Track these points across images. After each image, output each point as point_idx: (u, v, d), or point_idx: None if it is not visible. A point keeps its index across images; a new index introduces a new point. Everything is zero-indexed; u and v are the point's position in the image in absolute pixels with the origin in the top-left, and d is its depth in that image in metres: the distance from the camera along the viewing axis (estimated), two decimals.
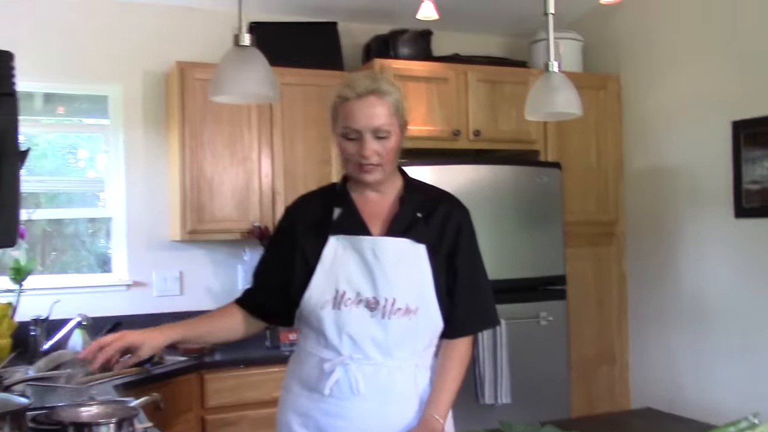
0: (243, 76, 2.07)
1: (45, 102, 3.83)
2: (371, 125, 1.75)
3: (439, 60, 3.82)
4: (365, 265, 1.80)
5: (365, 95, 1.76)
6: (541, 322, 3.59)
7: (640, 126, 4.05)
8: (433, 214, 1.86)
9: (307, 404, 1.84)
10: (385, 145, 1.78)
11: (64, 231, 3.89)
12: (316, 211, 1.88)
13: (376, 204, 1.87)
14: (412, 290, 1.81)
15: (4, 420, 1.59)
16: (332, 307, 1.79)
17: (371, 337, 1.78)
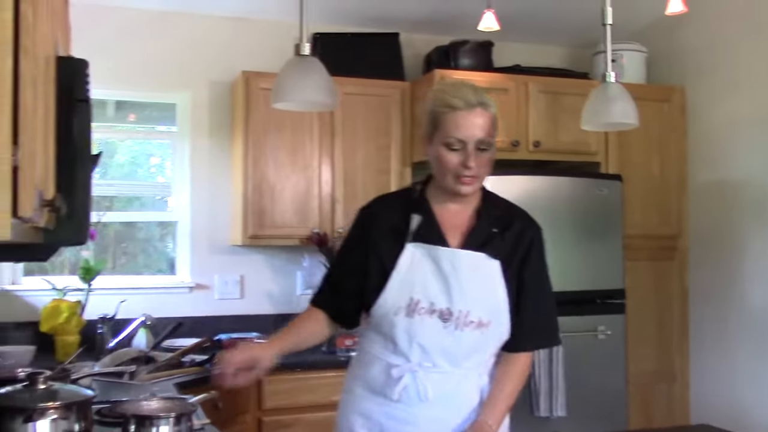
0: (303, 85, 2.14)
1: (117, 109, 3.99)
2: (477, 137, 1.77)
3: (499, 71, 3.83)
4: (441, 276, 1.82)
5: (474, 106, 1.77)
6: (599, 336, 3.54)
7: (705, 139, 3.97)
8: (508, 230, 1.88)
9: (371, 407, 1.87)
10: (485, 158, 1.80)
11: (135, 234, 4.04)
12: (393, 217, 1.89)
13: (455, 215, 1.88)
14: (486, 304, 1.84)
15: (71, 410, 1.67)
16: (405, 314, 1.81)
17: (442, 348, 1.82)
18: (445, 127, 1.79)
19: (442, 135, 1.79)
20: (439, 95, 1.82)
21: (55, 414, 1.64)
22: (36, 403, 1.65)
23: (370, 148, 3.74)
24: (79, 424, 1.68)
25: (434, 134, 1.82)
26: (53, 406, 1.64)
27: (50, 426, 1.63)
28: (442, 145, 1.80)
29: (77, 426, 1.68)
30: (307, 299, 2.08)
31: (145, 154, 4.13)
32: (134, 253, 4.03)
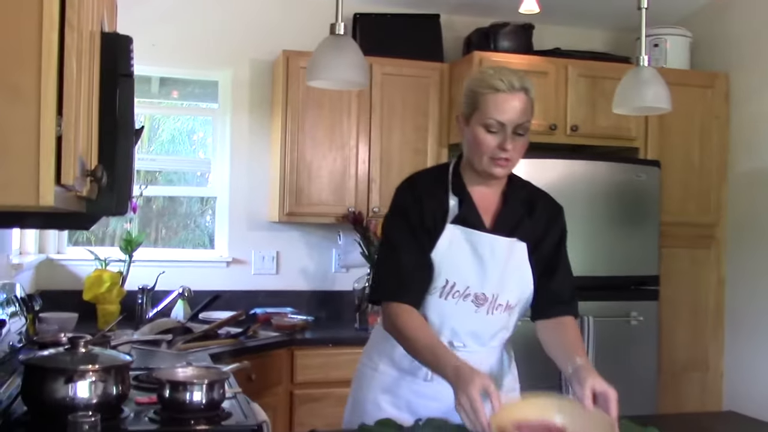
0: (337, 63, 2.17)
1: (161, 86, 4.07)
2: (517, 121, 1.76)
3: (539, 54, 3.81)
4: (478, 260, 1.84)
5: (517, 90, 1.76)
6: (632, 322, 3.53)
7: (748, 127, 3.90)
8: (534, 212, 1.91)
9: (398, 384, 1.90)
10: (522, 142, 1.80)
11: (177, 209, 4.13)
12: (436, 195, 1.88)
13: (486, 197, 1.90)
14: (515, 288, 1.88)
15: (109, 373, 1.74)
16: (439, 295, 1.84)
17: (472, 330, 1.86)
18: (485, 108, 1.77)
19: (481, 116, 1.78)
20: (481, 76, 1.81)
21: (94, 376, 1.72)
22: (77, 366, 1.73)
23: (407, 128, 3.76)
24: (116, 387, 1.76)
25: (473, 115, 1.81)
26: (93, 368, 1.72)
27: (89, 387, 1.71)
28: (480, 126, 1.79)
29: (115, 389, 1.76)
30: (342, 277, 2.02)
31: (187, 130, 4.21)
32: (175, 227, 4.13)
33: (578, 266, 3.43)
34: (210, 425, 1.76)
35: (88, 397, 1.70)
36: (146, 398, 1.93)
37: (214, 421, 1.78)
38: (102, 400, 1.71)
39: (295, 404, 3.28)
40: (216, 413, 1.82)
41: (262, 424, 1.84)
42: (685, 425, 1.83)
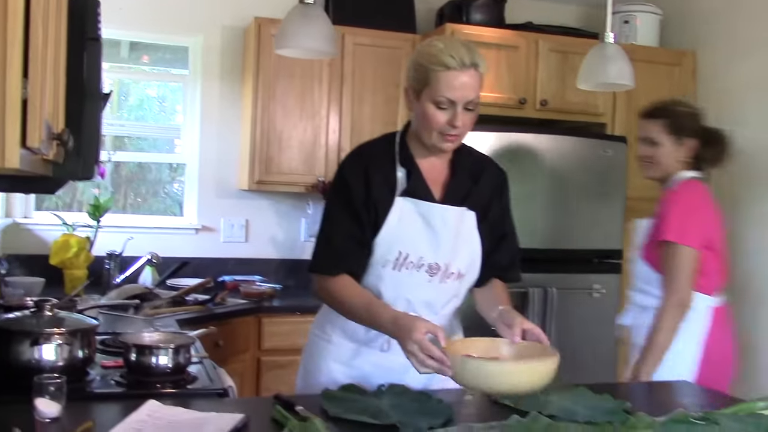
0: (305, 32, 2.17)
1: (131, 50, 4.03)
2: (467, 97, 1.75)
3: (511, 28, 3.82)
4: (430, 231, 1.85)
5: (468, 67, 1.74)
6: (594, 294, 3.61)
7: (713, 104, 3.95)
8: (480, 180, 1.93)
9: (353, 355, 1.92)
10: (471, 117, 1.79)
11: (146, 175, 4.11)
12: (384, 167, 1.87)
13: (434, 168, 1.90)
14: (465, 256, 1.90)
15: (75, 336, 1.75)
16: (392, 267, 1.85)
17: (425, 300, 1.88)
18: (436, 86, 1.75)
19: (432, 93, 1.76)
20: (432, 51, 1.76)
21: (60, 339, 1.73)
22: (42, 328, 1.74)
23: (378, 99, 3.76)
24: (82, 351, 1.78)
25: (423, 90, 1.78)
26: (59, 331, 1.73)
27: (55, 350, 1.73)
28: (430, 103, 1.77)
29: (81, 352, 1.77)
30: (311, 246, 1.99)
31: (156, 96, 4.17)
32: (144, 194, 4.11)
33: (544, 239, 3.54)
34: (175, 389, 1.78)
35: (54, 359, 1.71)
36: (112, 362, 1.94)
37: (179, 385, 1.80)
38: (68, 363, 1.72)
39: (262, 371, 3.31)
40: (182, 377, 1.84)
41: (228, 388, 1.87)
42: (637, 393, 1.90)
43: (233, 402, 1.78)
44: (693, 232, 2.37)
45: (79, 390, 1.70)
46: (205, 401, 1.70)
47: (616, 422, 1.51)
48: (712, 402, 1.83)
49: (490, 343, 1.62)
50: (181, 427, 1.42)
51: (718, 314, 2.48)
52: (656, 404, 1.65)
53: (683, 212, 2.40)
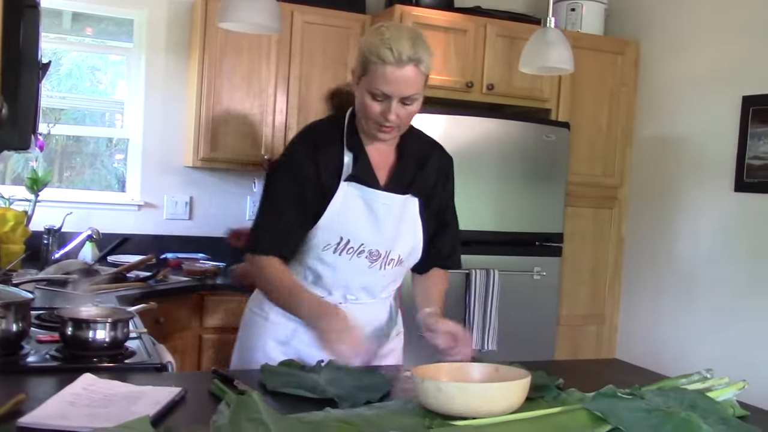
0: (248, 6, 2.15)
1: (73, 21, 3.92)
2: (403, 93, 1.73)
3: (460, 11, 3.85)
4: (374, 218, 1.85)
5: (406, 64, 1.70)
6: (534, 277, 3.69)
7: (654, 94, 4.07)
8: (426, 166, 1.93)
9: (289, 335, 1.92)
10: (408, 110, 1.77)
11: (83, 149, 4.02)
12: (331, 151, 1.85)
13: (381, 153, 1.90)
14: (407, 243, 1.92)
15: (9, 310, 1.72)
16: (333, 251, 1.85)
17: (364, 285, 1.90)
18: (373, 77, 1.73)
19: (368, 83, 1.74)
20: (375, 41, 1.73)
21: None
22: None
23: (326, 78, 3.75)
24: (17, 325, 1.74)
25: (362, 78, 1.77)
26: None
27: None
28: (367, 92, 1.76)
29: (15, 326, 1.74)
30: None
31: (96, 68, 4.08)
32: (79, 167, 4.02)
33: (487, 222, 3.60)
34: (112, 363, 1.77)
35: None
36: (48, 336, 1.92)
37: (116, 360, 1.79)
38: (1, 336, 1.69)
39: (203, 348, 3.30)
40: (119, 352, 1.82)
41: (167, 363, 1.86)
42: (571, 370, 1.95)
43: (171, 376, 1.77)
44: None
45: (12, 363, 1.67)
46: (142, 376, 1.69)
47: (548, 397, 1.55)
48: (639, 379, 1.90)
49: (457, 367, 1.61)
50: (117, 399, 1.41)
51: None
52: (588, 381, 1.70)
53: None
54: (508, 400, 1.41)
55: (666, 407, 1.43)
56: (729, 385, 1.63)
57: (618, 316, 4.20)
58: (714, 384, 1.66)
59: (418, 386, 1.44)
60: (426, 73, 1.77)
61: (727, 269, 3.59)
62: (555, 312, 3.80)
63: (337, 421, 1.38)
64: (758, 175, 3.44)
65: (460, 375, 1.56)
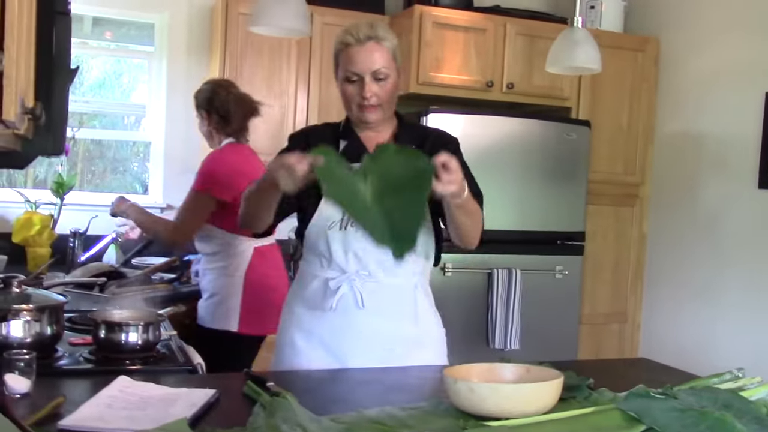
0: (280, 10, 2.17)
1: (94, 26, 3.96)
2: (371, 67, 1.86)
3: (479, 11, 3.85)
4: None
5: (365, 41, 1.86)
6: (557, 276, 3.68)
7: (675, 91, 4.05)
8: (423, 147, 1.95)
9: (310, 321, 1.96)
10: (383, 87, 1.89)
11: (105, 153, 4.05)
12: (325, 139, 1.95)
13: (375, 140, 1.94)
14: None
15: (43, 313, 1.75)
16: (339, 227, 1.91)
17: (375, 257, 1.91)
18: (342, 63, 1.90)
19: (341, 70, 1.91)
20: (338, 35, 1.92)
21: (28, 316, 1.72)
22: (10, 305, 1.72)
23: None
24: (51, 327, 1.77)
25: (337, 71, 1.93)
26: (27, 308, 1.72)
27: (23, 327, 1.72)
28: (343, 80, 1.91)
29: (49, 329, 1.77)
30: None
31: (118, 72, 4.11)
32: (102, 171, 4.06)
33: (508, 221, 3.60)
34: (145, 365, 1.79)
35: (22, 336, 1.70)
36: (80, 339, 1.94)
37: (149, 362, 1.81)
38: (36, 340, 1.71)
39: None
40: (151, 354, 1.84)
41: (197, 365, 1.88)
42: (599, 370, 1.95)
43: (203, 378, 1.79)
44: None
45: (47, 366, 1.69)
46: (174, 378, 1.71)
47: (580, 397, 1.55)
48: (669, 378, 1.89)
49: (487, 368, 1.61)
50: (153, 402, 1.43)
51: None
52: (617, 380, 1.70)
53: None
54: (542, 401, 1.41)
55: (699, 407, 1.43)
56: (762, 385, 1.62)
57: (640, 314, 4.18)
58: (746, 383, 1.65)
59: (450, 387, 1.44)
60: (391, 50, 1.90)
61: (751, 267, 3.56)
62: (577, 311, 3.80)
63: (370, 422, 1.39)
64: None
65: (490, 376, 1.56)
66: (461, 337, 2.03)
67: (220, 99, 2.86)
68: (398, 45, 1.94)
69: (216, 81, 2.99)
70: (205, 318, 2.79)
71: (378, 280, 1.93)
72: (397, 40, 1.94)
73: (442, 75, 3.70)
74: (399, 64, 1.94)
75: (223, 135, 2.89)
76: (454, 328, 2.14)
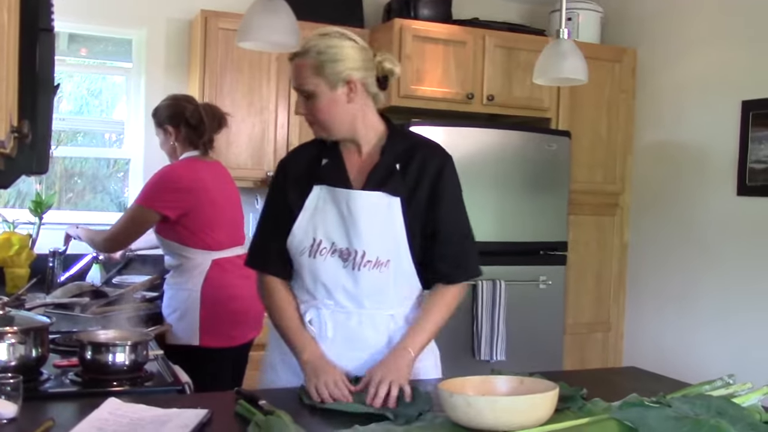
0: (269, 24, 2.15)
1: (70, 42, 3.92)
2: (296, 85, 1.82)
3: (458, 23, 3.87)
4: (342, 217, 1.83)
5: (293, 58, 1.83)
6: (540, 286, 3.69)
7: (653, 101, 4.10)
8: (410, 164, 1.86)
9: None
10: (312, 105, 1.80)
11: (83, 170, 4.00)
12: (306, 161, 1.91)
13: (359, 156, 1.89)
14: (383, 243, 1.83)
15: (28, 335, 1.71)
16: (309, 254, 1.85)
17: (342, 287, 1.84)
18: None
19: None
20: None
21: (13, 338, 1.68)
22: None
23: None
24: (36, 350, 1.74)
25: None
26: (11, 330, 1.69)
27: (8, 350, 1.68)
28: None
29: (34, 351, 1.73)
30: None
31: (94, 90, 4.07)
32: (81, 188, 4.01)
33: (491, 232, 3.60)
34: (133, 386, 1.76)
35: (7, 359, 1.67)
36: (65, 361, 1.90)
37: (136, 383, 1.78)
38: (21, 363, 1.68)
39: None
40: (138, 375, 1.82)
41: (185, 384, 1.85)
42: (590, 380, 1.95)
43: (193, 398, 1.76)
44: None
45: (33, 390, 1.66)
46: (164, 398, 1.68)
47: (574, 408, 1.55)
48: (659, 386, 1.90)
49: (481, 380, 1.59)
50: (145, 424, 1.40)
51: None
52: (609, 390, 1.71)
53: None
54: (538, 413, 1.41)
55: (694, 414, 1.44)
56: (753, 391, 1.63)
57: (623, 322, 4.20)
58: (737, 390, 1.66)
59: (446, 401, 1.44)
60: (310, 65, 1.77)
61: (731, 273, 3.60)
62: (561, 320, 3.81)
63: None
64: (760, 179, 3.46)
65: (485, 388, 1.56)
66: (447, 350, 2.00)
67: (189, 111, 2.85)
68: (331, 56, 1.76)
69: (177, 95, 2.98)
70: (169, 334, 2.76)
71: (347, 311, 1.86)
72: (335, 50, 1.77)
73: (423, 88, 3.71)
74: (335, 77, 1.77)
75: (190, 148, 2.87)
76: (439, 340, 2.08)
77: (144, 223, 2.79)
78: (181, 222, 2.74)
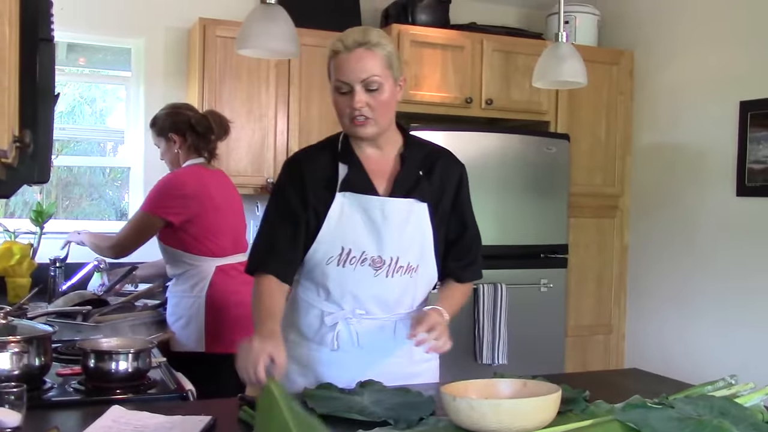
0: (268, 32, 2.16)
1: (68, 51, 3.93)
2: (360, 77, 1.74)
3: (456, 28, 3.88)
4: (372, 225, 1.82)
5: (354, 48, 1.75)
6: (541, 289, 3.70)
7: (651, 102, 4.11)
8: (433, 171, 1.89)
9: (306, 354, 1.90)
10: (376, 98, 1.76)
11: (80, 180, 4.01)
12: (322, 166, 1.87)
13: (378, 161, 1.88)
14: (415, 249, 1.86)
15: (31, 344, 1.71)
16: (337, 263, 1.82)
17: (373, 295, 1.84)
18: (332, 72, 1.79)
19: (333, 80, 1.80)
20: (330, 43, 1.81)
21: (16, 347, 1.68)
22: None
23: (325, 99, 3.75)
24: (39, 359, 1.74)
25: (330, 81, 1.82)
26: (14, 339, 1.69)
27: (11, 359, 1.68)
28: (334, 91, 1.80)
29: (37, 360, 1.73)
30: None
31: (88, 98, 4.07)
32: (78, 198, 4.01)
33: (492, 236, 3.61)
34: (136, 394, 1.76)
35: (10, 368, 1.67)
36: (68, 369, 1.90)
37: (140, 390, 1.78)
38: (24, 372, 1.68)
39: None
40: (141, 382, 1.82)
41: (188, 392, 1.85)
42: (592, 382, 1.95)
43: (197, 405, 1.76)
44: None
45: (37, 398, 1.66)
46: (167, 405, 1.68)
47: (577, 410, 1.55)
48: (662, 387, 1.90)
49: (484, 384, 1.60)
50: (148, 431, 1.40)
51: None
52: (612, 392, 1.71)
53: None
54: (542, 415, 1.41)
55: (697, 415, 1.44)
56: (755, 391, 1.63)
57: (625, 324, 4.20)
58: (739, 390, 1.66)
59: (449, 404, 1.44)
60: (384, 57, 1.78)
61: (732, 274, 3.60)
62: (563, 323, 3.81)
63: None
64: (759, 179, 3.46)
65: (488, 392, 1.56)
66: (449, 354, 2.00)
67: (196, 118, 2.86)
68: (395, 52, 1.81)
69: (176, 104, 2.98)
70: (173, 341, 2.76)
71: (376, 317, 1.86)
72: (392, 46, 1.81)
73: (422, 93, 3.72)
74: (397, 73, 1.81)
75: (194, 156, 2.87)
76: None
77: (149, 230, 2.80)
78: (185, 229, 2.75)
